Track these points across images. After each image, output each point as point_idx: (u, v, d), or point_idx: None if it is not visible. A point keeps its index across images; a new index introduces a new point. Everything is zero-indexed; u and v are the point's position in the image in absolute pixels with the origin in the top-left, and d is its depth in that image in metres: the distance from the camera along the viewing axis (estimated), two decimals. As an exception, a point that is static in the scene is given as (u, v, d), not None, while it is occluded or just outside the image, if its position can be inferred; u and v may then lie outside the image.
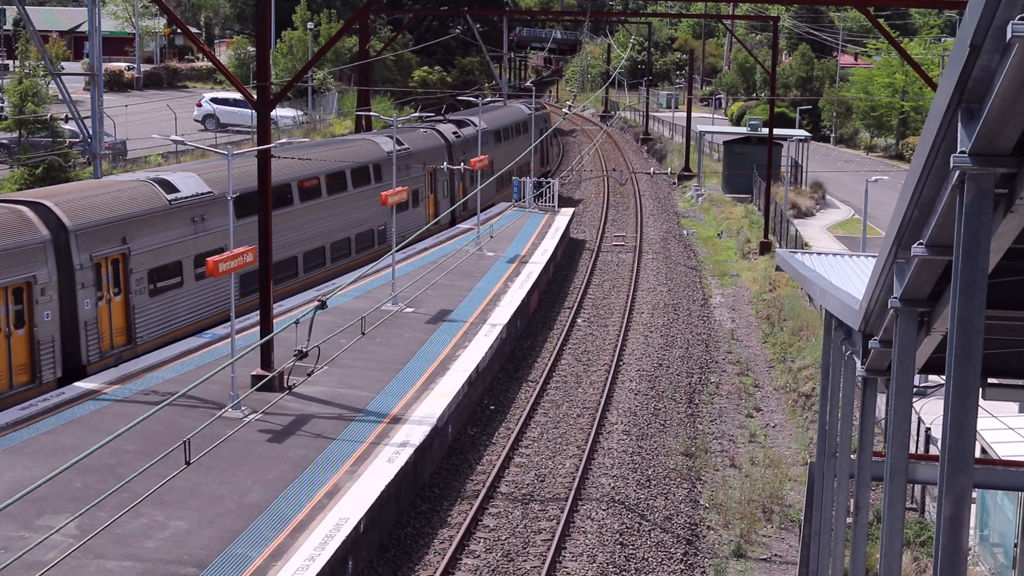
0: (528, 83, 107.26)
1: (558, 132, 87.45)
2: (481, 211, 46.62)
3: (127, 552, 18.25)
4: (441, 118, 54.11)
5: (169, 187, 30.08)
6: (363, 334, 27.45)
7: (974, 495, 21.13)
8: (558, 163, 78.48)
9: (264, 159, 26.11)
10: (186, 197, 30.16)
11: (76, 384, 25.70)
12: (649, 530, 23.49)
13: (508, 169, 55.53)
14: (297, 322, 21.57)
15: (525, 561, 21.75)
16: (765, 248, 50.76)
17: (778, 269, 20.12)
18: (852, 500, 14.11)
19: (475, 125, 52.08)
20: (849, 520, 15.83)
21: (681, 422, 30.28)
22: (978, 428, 7.50)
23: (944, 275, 9.09)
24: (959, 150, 6.90)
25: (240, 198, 27.73)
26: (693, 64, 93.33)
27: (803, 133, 69.86)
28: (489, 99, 63.78)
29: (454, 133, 50.04)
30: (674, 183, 74.91)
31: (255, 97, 26.23)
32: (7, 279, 24.11)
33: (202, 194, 31.00)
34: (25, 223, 25.19)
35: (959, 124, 6.91)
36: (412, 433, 24.38)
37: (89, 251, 26.58)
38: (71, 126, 47.25)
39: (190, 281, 30.15)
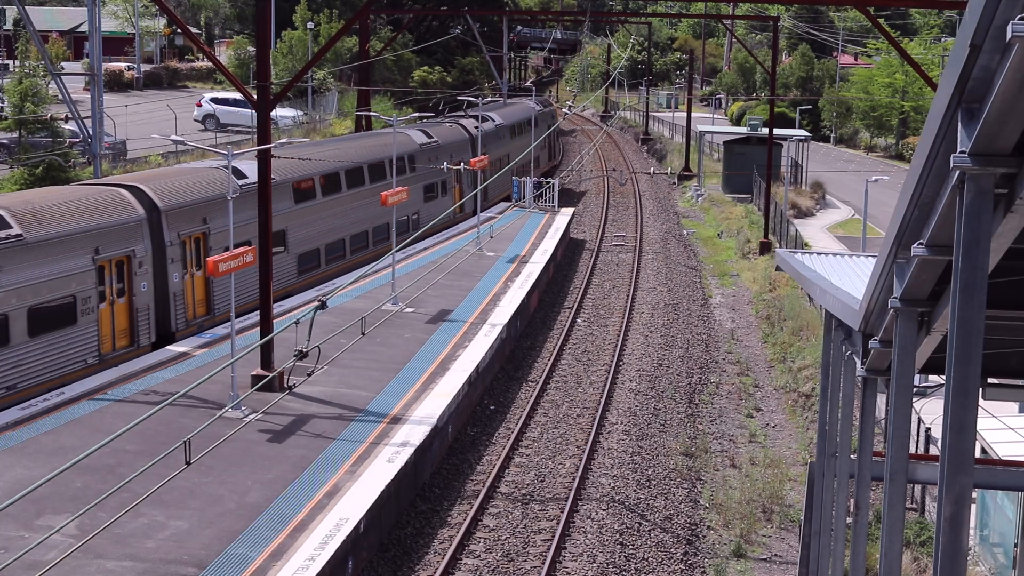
0: (528, 83, 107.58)
1: (559, 132, 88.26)
2: (497, 201, 49.73)
3: (127, 552, 18.26)
4: (462, 113, 57.33)
5: (239, 173, 32.56)
6: (363, 334, 27.46)
7: (974, 495, 21.14)
8: (560, 159, 79.85)
9: (264, 159, 26.11)
10: (252, 183, 31.80)
11: (168, 347, 28.90)
12: (649, 530, 23.49)
13: (522, 160, 58.95)
14: (297, 322, 21.58)
15: (525, 561, 21.75)
16: (765, 248, 50.77)
17: (778, 269, 20.12)
18: (852, 500, 14.11)
19: (493, 120, 55.96)
20: (849, 520, 15.84)
21: (681, 422, 30.28)
22: (978, 428, 7.50)
23: (944, 275, 9.09)
24: (959, 150, 6.90)
25: (302, 182, 34.97)
26: (693, 64, 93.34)
27: (803, 133, 69.86)
28: (489, 99, 63.97)
29: (475, 127, 52.27)
30: (674, 183, 74.92)
31: (255, 97, 26.23)
32: (112, 253, 27.11)
33: None
34: (125, 204, 28.09)
35: (959, 124, 6.91)
36: (412, 433, 24.38)
37: (177, 230, 29.64)
38: (71, 126, 47.26)
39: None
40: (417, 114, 46.74)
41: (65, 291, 25.72)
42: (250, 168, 32.91)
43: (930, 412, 23.97)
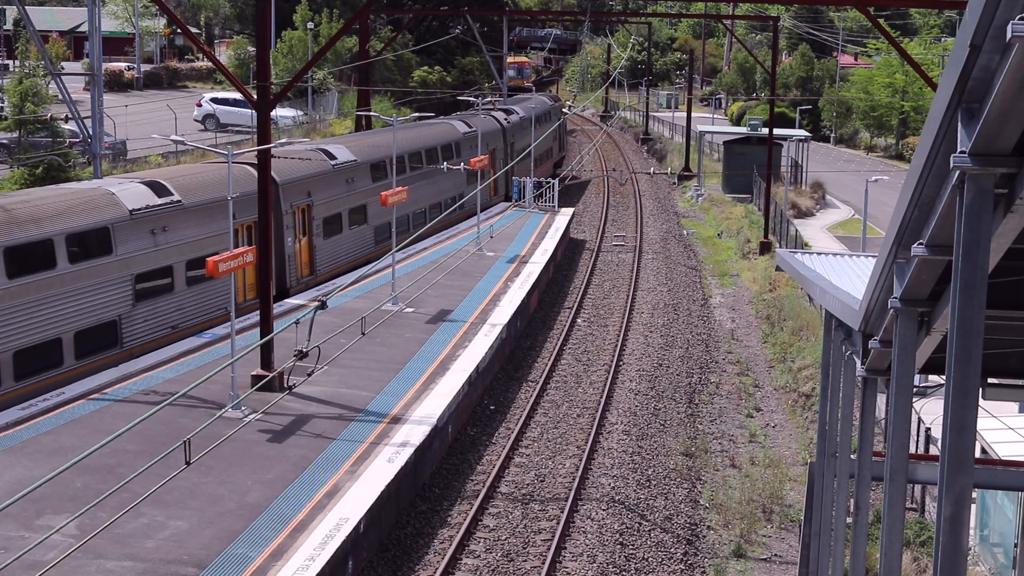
0: (528, 83, 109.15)
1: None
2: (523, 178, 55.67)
3: (127, 552, 18.26)
4: (491, 105, 63.46)
5: (330, 155, 38.62)
6: (363, 334, 27.45)
7: (974, 495, 21.14)
8: (566, 150, 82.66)
9: (264, 159, 26.11)
10: (343, 163, 38.85)
11: (286, 300, 33.83)
12: (649, 530, 23.49)
13: (543, 149, 65.16)
14: (297, 322, 21.59)
15: (525, 561, 21.75)
16: (765, 248, 50.77)
17: (778, 269, 20.12)
18: (852, 500, 14.11)
19: (518, 112, 61.84)
20: (849, 520, 15.84)
21: (681, 422, 30.29)
22: (978, 428, 7.50)
23: (944, 275, 9.09)
24: (959, 150, 6.90)
25: (377, 164, 41.11)
26: (693, 64, 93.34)
27: (803, 133, 69.86)
28: (489, 99, 64.25)
29: (505, 119, 58.70)
30: (674, 183, 74.92)
31: (255, 97, 26.23)
32: (244, 218, 31.46)
33: (351, 161, 39.79)
34: (252, 178, 30.88)
35: (959, 124, 6.91)
36: (412, 433, 24.38)
37: (290, 201, 35.05)
38: (71, 126, 47.26)
39: (346, 229, 38.89)
40: (417, 114, 46.82)
41: (212, 248, 29.48)
42: (339, 151, 39.57)
43: (930, 412, 23.97)
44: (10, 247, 24.36)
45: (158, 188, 29.85)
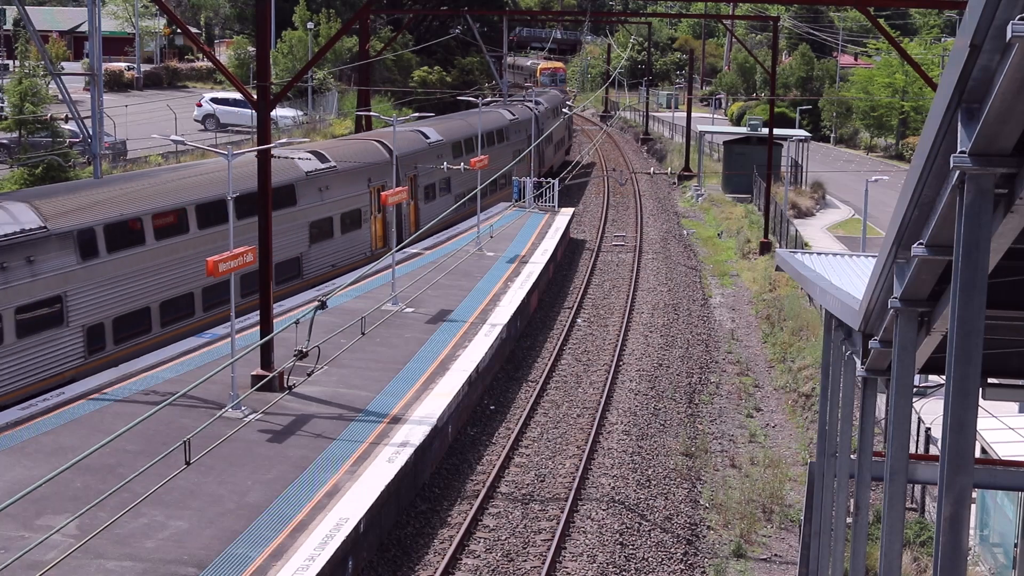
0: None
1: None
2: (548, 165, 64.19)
3: (127, 552, 18.26)
4: (523, 97, 72.67)
5: (425, 135, 46.78)
6: (363, 334, 27.43)
7: (974, 495, 21.14)
8: (572, 139, 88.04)
9: (264, 159, 26.11)
10: (434, 142, 47.14)
11: (406, 250, 40.71)
12: (649, 530, 23.49)
13: (560, 136, 73.87)
14: (297, 322, 21.57)
15: (525, 561, 21.75)
16: (765, 248, 50.76)
17: (778, 269, 20.12)
18: (852, 500, 14.11)
19: (543, 104, 70.26)
20: (849, 520, 15.84)
21: (681, 422, 30.29)
22: (978, 428, 7.50)
23: (944, 275, 9.08)
24: (959, 150, 6.89)
25: (456, 143, 49.80)
26: (693, 64, 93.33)
27: (803, 133, 69.85)
28: (490, 99, 64.43)
29: (536, 109, 66.24)
30: (674, 183, 74.92)
31: (255, 97, 26.23)
32: (376, 182, 39.85)
33: (439, 140, 47.99)
34: (380, 150, 41.13)
35: (959, 124, 6.91)
36: (412, 433, 24.39)
37: (404, 171, 42.37)
38: (71, 126, 47.24)
39: (438, 196, 46.97)
40: (417, 114, 46.90)
41: (356, 205, 38.87)
42: (431, 132, 47.55)
43: (930, 412, 23.97)
44: (235, 198, 27.59)
45: (321, 156, 37.73)
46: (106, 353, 27.06)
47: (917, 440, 23.82)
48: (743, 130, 73.49)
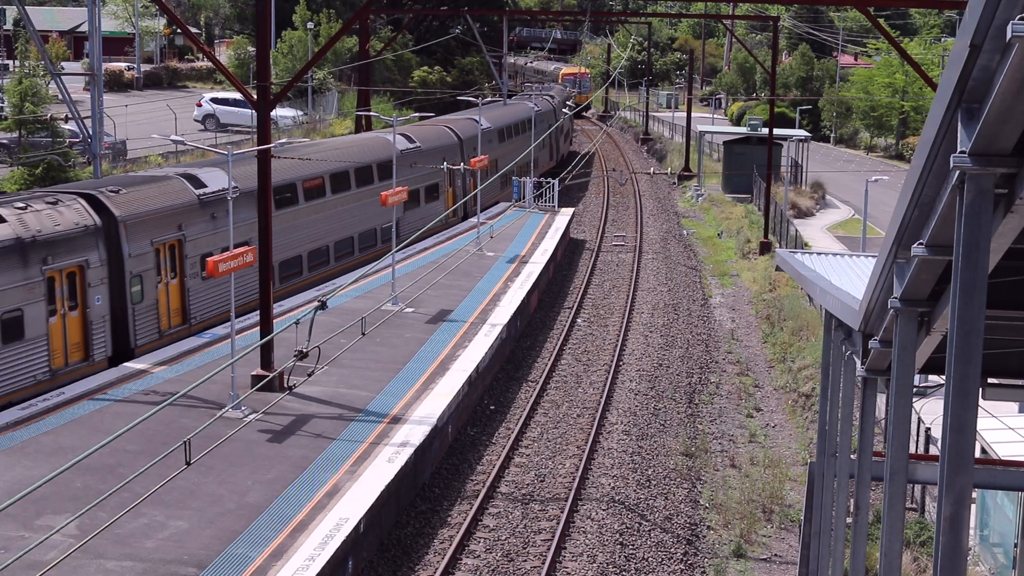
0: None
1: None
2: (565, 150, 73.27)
3: (127, 552, 18.26)
4: (538, 91, 79.79)
5: (479, 123, 51.40)
6: (363, 334, 27.42)
7: (974, 495, 21.13)
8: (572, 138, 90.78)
9: (264, 159, 26.10)
10: (486, 128, 53.05)
11: (467, 221, 49.37)
12: (649, 530, 23.49)
13: (568, 128, 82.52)
14: (297, 322, 21.57)
15: (525, 561, 21.75)
16: (765, 248, 50.76)
17: (778, 269, 20.11)
18: (852, 500, 14.11)
19: (556, 97, 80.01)
20: (849, 520, 15.83)
21: (681, 422, 30.28)
22: (978, 428, 7.50)
23: (944, 275, 9.08)
24: (959, 150, 6.89)
25: (500, 130, 58.06)
26: (693, 64, 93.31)
27: (803, 133, 69.84)
28: (490, 99, 64.49)
29: (552, 101, 75.63)
30: (674, 183, 74.91)
31: (255, 97, 26.22)
32: (451, 162, 46.56)
33: (489, 127, 54.49)
34: (450, 133, 50.45)
35: (959, 124, 6.91)
36: (412, 433, 24.39)
37: (468, 154, 50.06)
38: (71, 126, 47.24)
39: (490, 173, 52.03)
40: (417, 114, 46.97)
41: (435, 180, 46.85)
42: (484, 121, 52.74)
43: (930, 412, 23.96)
44: (357, 168, 39.91)
45: (409, 138, 45.57)
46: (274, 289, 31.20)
47: (917, 440, 23.82)
48: (743, 130, 73.47)
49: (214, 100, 72.72)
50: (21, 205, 26.13)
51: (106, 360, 27.57)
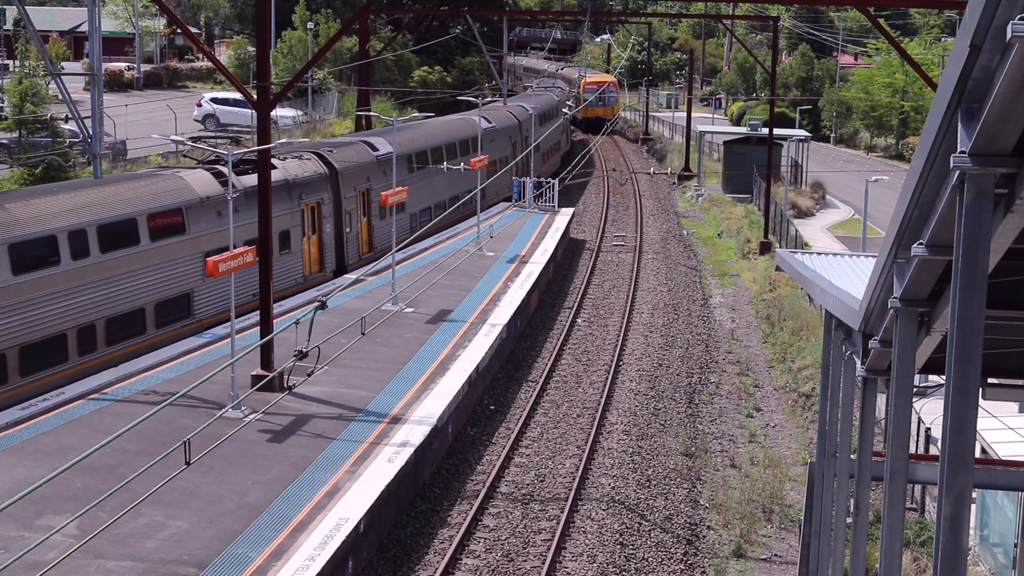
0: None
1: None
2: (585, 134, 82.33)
3: (127, 552, 18.26)
4: (551, 85, 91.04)
5: (526, 109, 60.70)
6: (363, 334, 27.45)
7: (974, 495, 21.13)
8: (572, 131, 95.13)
9: (264, 160, 26.09)
10: (531, 113, 59.51)
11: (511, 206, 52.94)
12: (649, 530, 23.49)
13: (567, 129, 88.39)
14: (297, 322, 21.59)
15: (525, 561, 21.75)
16: (765, 248, 50.76)
17: (778, 269, 20.11)
18: (852, 500, 14.11)
19: (564, 91, 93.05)
20: (849, 520, 15.83)
21: (681, 422, 30.29)
22: (978, 428, 7.50)
23: (944, 275, 9.08)
24: (959, 150, 6.89)
25: (541, 114, 64.72)
26: (693, 64, 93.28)
27: (803, 133, 69.84)
28: (490, 99, 64.45)
29: (560, 94, 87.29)
30: (674, 183, 74.92)
31: (255, 97, 26.22)
32: (515, 138, 57.78)
33: (530, 113, 59.76)
34: (511, 115, 60.12)
35: (959, 124, 6.91)
36: (412, 433, 24.39)
37: (524, 135, 60.61)
38: (71, 126, 47.23)
39: (540, 153, 61.61)
40: (418, 113, 46.99)
41: (504, 155, 55.54)
42: (527, 106, 61.07)
43: (930, 412, 23.96)
44: (460, 141, 49.93)
45: (487, 119, 52.82)
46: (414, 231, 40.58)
47: (917, 440, 23.82)
48: (743, 130, 73.47)
49: (214, 100, 72.70)
50: (283, 157, 35.62)
51: (331, 272, 37.72)
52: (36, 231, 25.25)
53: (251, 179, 32.02)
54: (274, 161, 33.08)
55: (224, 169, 31.14)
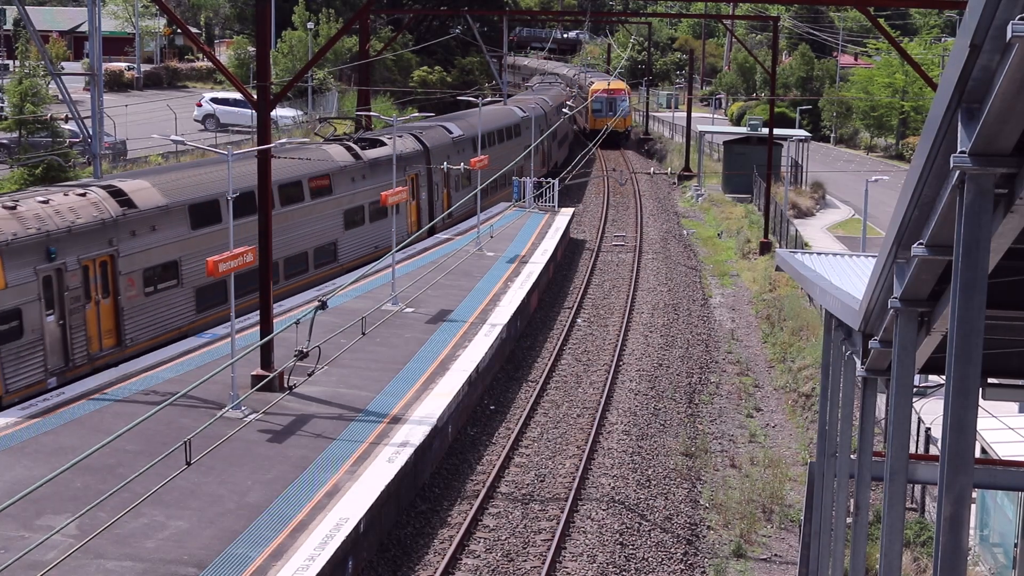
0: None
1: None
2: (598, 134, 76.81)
3: (127, 552, 18.26)
4: (557, 82, 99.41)
5: (518, 112, 63.63)
6: (363, 334, 27.43)
7: (974, 495, 21.13)
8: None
9: (264, 160, 26.09)
10: (558, 105, 73.39)
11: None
12: (649, 530, 23.49)
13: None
14: (297, 322, 21.57)
15: (525, 561, 21.75)
16: (765, 248, 50.75)
17: (778, 269, 20.11)
18: (852, 500, 14.11)
19: (569, 87, 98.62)
20: (849, 520, 15.83)
21: (681, 422, 30.28)
22: (978, 428, 7.50)
23: (944, 275, 9.08)
24: (959, 150, 6.89)
25: (558, 107, 77.65)
26: (693, 64, 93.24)
27: (803, 133, 69.84)
28: (489, 99, 64.54)
29: (565, 89, 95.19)
30: (674, 183, 74.91)
31: (255, 97, 26.22)
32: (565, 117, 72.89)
33: (544, 111, 68.30)
34: (539, 108, 67.04)
35: (959, 124, 6.91)
36: (412, 433, 24.38)
37: (541, 127, 63.35)
38: (71, 126, 47.21)
39: (553, 143, 69.64)
40: (417, 113, 47.10)
41: (566, 131, 72.40)
42: (545, 100, 72.23)
43: (930, 412, 23.96)
44: (507, 127, 56.58)
45: (521, 108, 62.22)
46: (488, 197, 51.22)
47: (917, 440, 23.82)
48: (743, 130, 73.46)
49: (214, 100, 72.70)
50: (389, 137, 41.86)
51: (427, 233, 44.83)
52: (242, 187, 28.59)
53: (374, 152, 41.63)
54: (385, 139, 42.31)
55: (352, 144, 41.31)
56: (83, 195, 27.36)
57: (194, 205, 30.31)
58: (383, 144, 42.19)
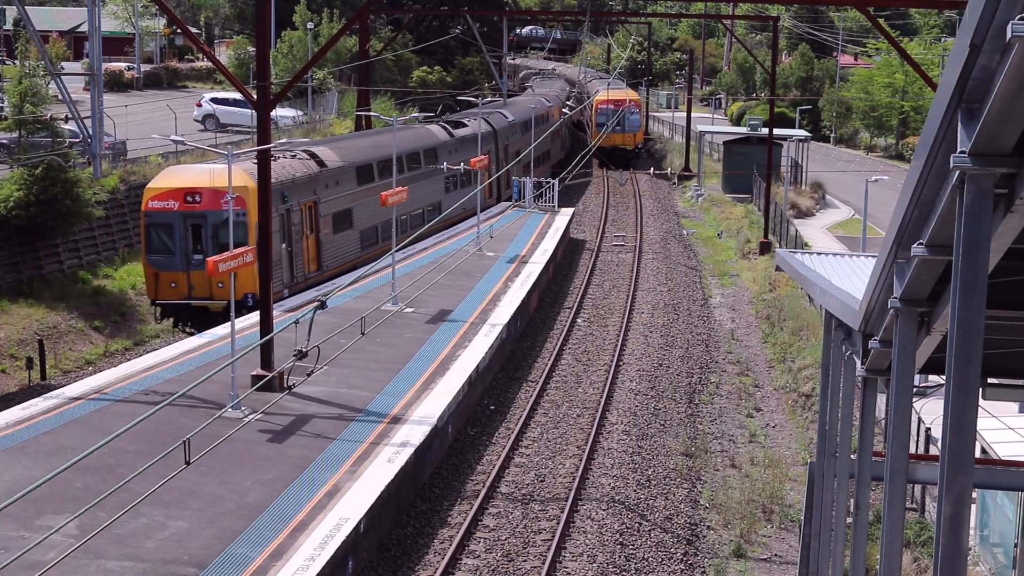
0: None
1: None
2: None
3: (127, 552, 18.26)
4: (558, 79, 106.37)
5: (546, 101, 73.98)
6: (363, 334, 27.43)
7: (974, 495, 21.13)
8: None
9: (264, 159, 26.08)
10: (549, 107, 74.38)
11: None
12: (649, 530, 23.49)
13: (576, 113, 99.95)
14: (297, 322, 21.58)
15: (525, 561, 21.75)
16: (765, 248, 50.75)
17: (778, 269, 20.11)
18: (852, 500, 14.11)
19: (570, 85, 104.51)
20: (849, 520, 15.83)
21: (681, 422, 30.28)
22: (978, 428, 7.50)
23: (944, 275, 9.08)
24: (959, 150, 6.89)
25: (571, 97, 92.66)
26: (693, 64, 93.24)
27: (803, 133, 69.83)
28: (489, 99, 64.69)
29: (568, 86, 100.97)
30: (674, 183, 74.89)
31: (255, 97, 26.21)
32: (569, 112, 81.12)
33: (547, 106, 74.06)
34: (557, 97, 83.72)
35: (959, 124, 6.91)
36: (412, 433, 24.38)
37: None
38: (71, 126, 47.21)
39: (562, 137, 76.38)
40: (416, 114, 47.16)
41: (555, 127, 68.88)
42: (552, 96, 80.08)
43: (930, 412, 23.96)
44: (538, 115, 61.39)
45: (546, 99, 71.39)
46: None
47: (917, 440, 23.82)
48: (743, 130, 73.46)
49: (214, 100, 72.62)
50: (466, 121, 54.68)
51: (495, 200, 55.69)
52: (376, 156, 41.64)
53: (460, 131, 52.50)
54: (468, 120, 54.72)
55: (445, 124, 52.21)
56: (293, 156, 36.19)
57: (360, 166, 39.93)
58: (466, 125, 53.56)
